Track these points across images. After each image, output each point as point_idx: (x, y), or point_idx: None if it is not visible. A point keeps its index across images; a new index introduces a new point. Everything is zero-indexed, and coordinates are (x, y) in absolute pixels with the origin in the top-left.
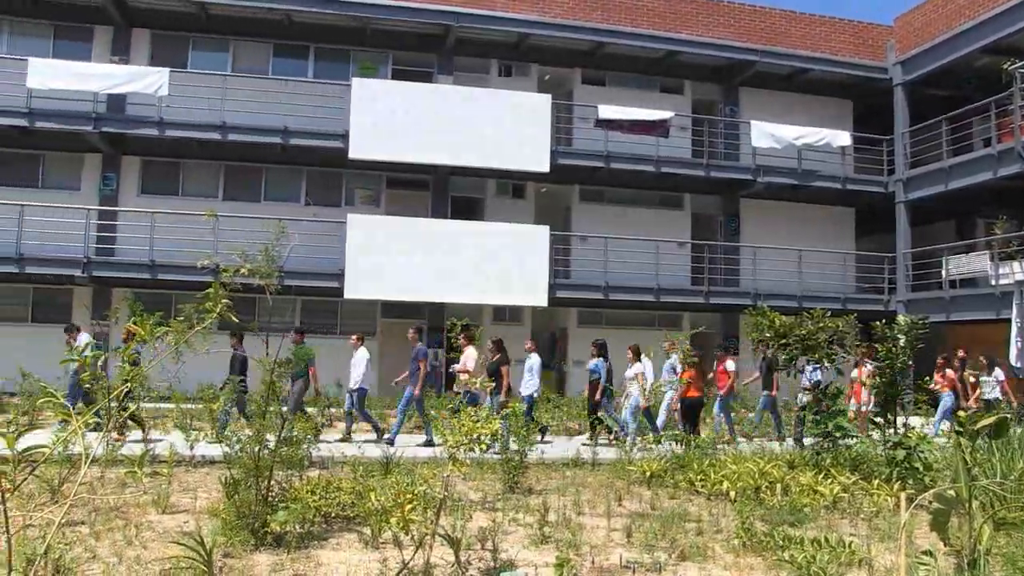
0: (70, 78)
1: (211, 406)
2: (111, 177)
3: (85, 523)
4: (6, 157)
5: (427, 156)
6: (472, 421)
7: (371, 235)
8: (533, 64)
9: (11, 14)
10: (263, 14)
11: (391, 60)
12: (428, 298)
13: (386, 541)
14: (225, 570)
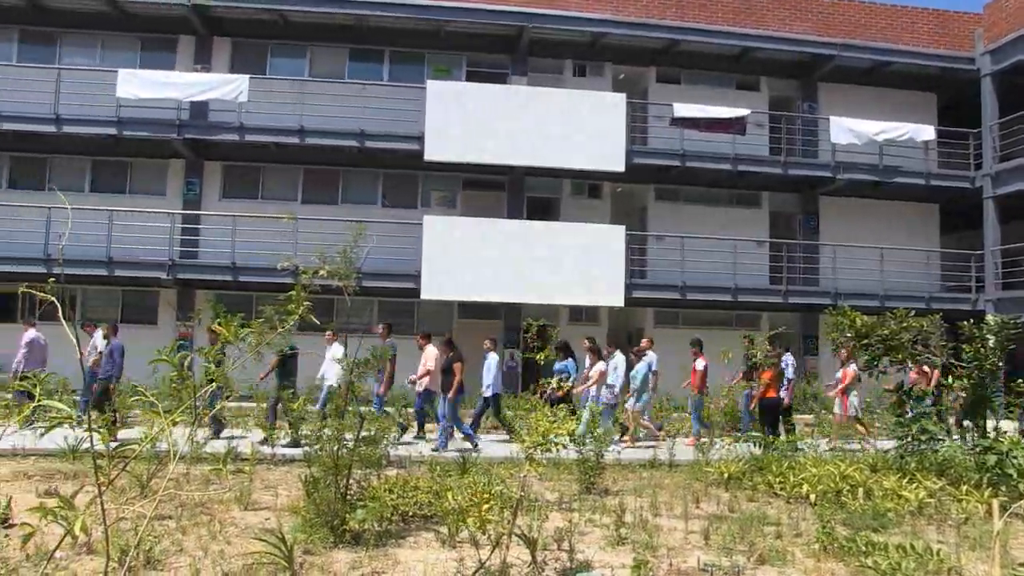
0: (156, 87)
1: (291, 406)
2: (194, 182)
3: (172, 517)
4: (97, 165)
5: (502, 157)
6: (549, 422)
7: (447, 236)
8: (607, 63)
9: (103, 29)
10: (339, 19)
11: (465, 62)
12: (504, 299)
13: (463, 540)
14: (305, 566)
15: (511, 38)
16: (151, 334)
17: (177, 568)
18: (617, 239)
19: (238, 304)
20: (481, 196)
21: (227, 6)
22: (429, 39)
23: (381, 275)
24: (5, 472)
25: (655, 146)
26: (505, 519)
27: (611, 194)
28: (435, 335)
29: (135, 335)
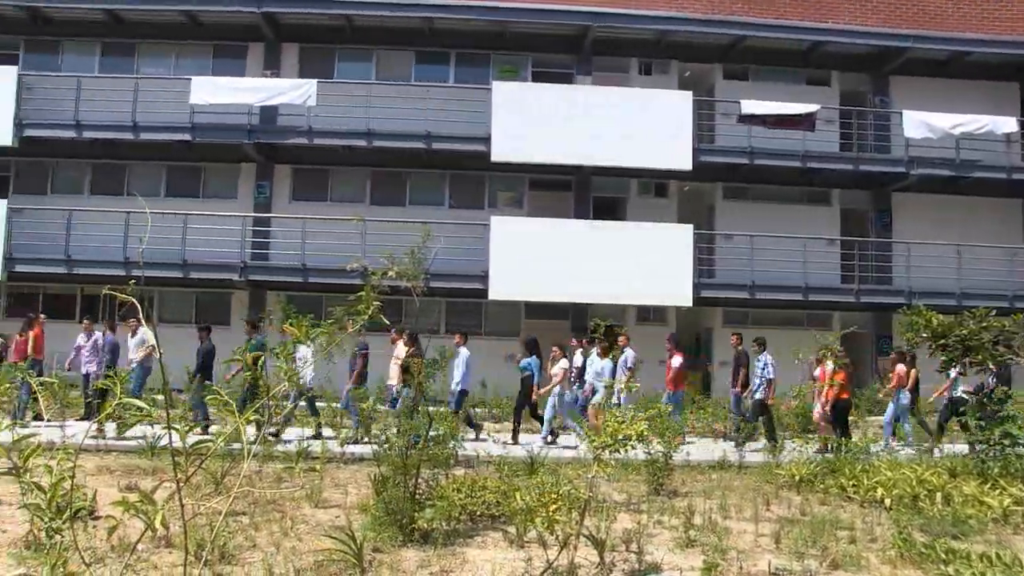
0: (227, 93)
1: (362, 406)
2: (264, 185)
3: (246, 514)
4: (172, 170)
5: (568, 157)
6: (618, 422)
7: (514, 237)
8: (673, 61)
9: (177, 38)
10: (405, 23)
11: (530, 63)
12: (571, 299)
13: (531, 540)
14: (375, 564)
15: (576, 38)
16: (224, 335)
17: (250, 563)
18: (684, 238)
19: (308, 305)
20: (547, 196)
21: (295, 12)
22: (494, 40)
23: (448, 276)
24: (89, 467)
25: (722, 144)
26: (573, 520)
27: (678, 193)
28: (502, 335)
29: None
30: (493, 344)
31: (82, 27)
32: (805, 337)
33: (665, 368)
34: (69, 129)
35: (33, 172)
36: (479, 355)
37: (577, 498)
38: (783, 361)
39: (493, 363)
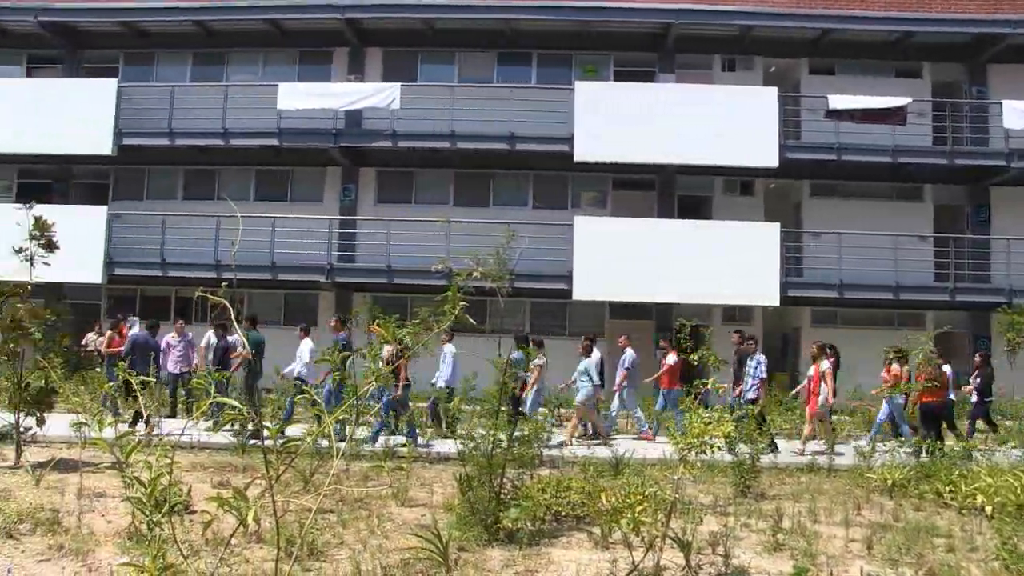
0: (313, 98)
1: (445, 405)
2: (350, 188)
3: (334, 512)
4: (261, 174)
5: (651, 156)
6: (704, 423)
7: (598, 237)
8: (757, 57)
9: (264, 46)
10: (486, 24)
11: (612, 62)
12: (656, 299)
13: (616, 542)
14: (460, 563)
15: (658, 35)
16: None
17: (338, 560)
18: (771, 237)
19: (393, 306)
20: (631, 196)
21: (377, 17)
22: (576, 40)
23: (532, 276)
24: (184, 463)
25: (809, 140)
26: (659, 521)
27: (764, 191)
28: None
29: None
30: (577, 344)
31: (175, 39)
32: (896, 337)
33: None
34: (163, 137)
35: (130, 179)
36: (564, 356)
37: (663, 499)
38: (874, 362)
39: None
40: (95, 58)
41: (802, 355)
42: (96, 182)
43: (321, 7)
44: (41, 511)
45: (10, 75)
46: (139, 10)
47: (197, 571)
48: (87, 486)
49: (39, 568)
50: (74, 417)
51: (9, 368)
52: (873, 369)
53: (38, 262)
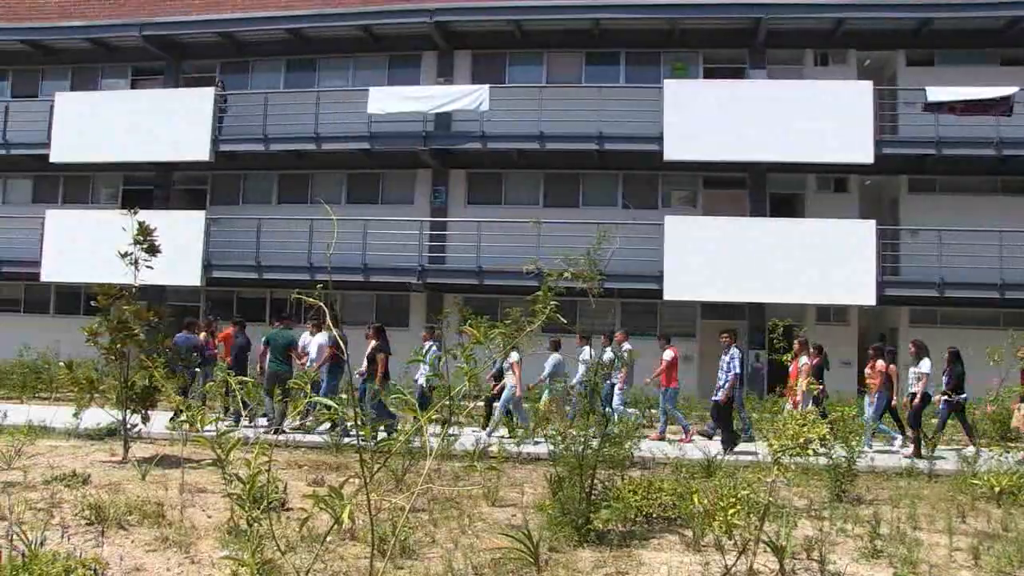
0: (403, 102)
1: (537, 406)
2: (440, 190)
3: (425, 511)
4: (352, 178)
5: (742, 154)
6: (798, 425)
7: (688, 236)
8: (851, 50)
9: (354, 52)
10: (573, 24)
11: (702, 59)
12: (748, 298)
13: (708, 544)
14: (550, 564)
15: (747, 31)
16: (403, 336)
17: (430, 559)
18: (866, 234)
19: (484, 307)
20: (722, 195)
21: (466, 20)
22: (664, 38)
23: (623, 276)
24: (280, 461)
25: (906, 134)
26: (752, 524)
27: (859, 187)
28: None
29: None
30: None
31: (269, 47)
32: (1001, 338)
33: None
34: (258, 143)
35: (227, 184)
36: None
37: (756, 502)
38: (977, 362)
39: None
40: (194, 68)
41: (901, 356)
42: (195, 188)
43: (410, 12)
44: (147, 504)
45: (116, 88)
46: (236, 20)
47: (293, 567)
48: (188, 481)
49: (147, 558)
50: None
51: (116, 368)
52: (976, 370)
53: (142, 265)
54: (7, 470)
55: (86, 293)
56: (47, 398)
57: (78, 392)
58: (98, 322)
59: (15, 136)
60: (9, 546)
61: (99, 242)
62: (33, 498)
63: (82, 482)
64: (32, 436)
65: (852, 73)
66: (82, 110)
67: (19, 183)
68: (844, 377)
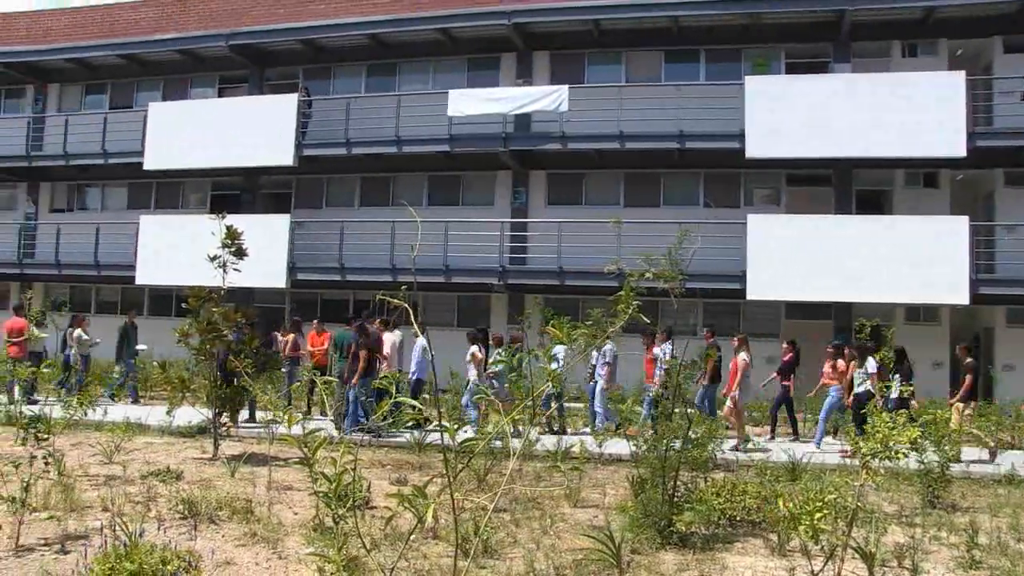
0: (482, 103)
1: (620, 407)
2: (520, 191)
3: (507, 511)
4: (433, 180)
5: (827, 150)
6: (888, 427)
7: (772, 235)
8: (941, 39)
9: (434, 55)
10: (652, 23)
11: (783, 54)
12: (833, 298)
13: (793, 549)
14: (632, 566)
15: (831, 24)
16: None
17: (512, 559)
18: (959, 231)
19: (565, 307)
20: (806, 192)
21: (544, 21)
22: (744, 34)
23: (705, 276)
24: (364, 460)
25: (1003, 125)
26: (839, 530)
27: (950, 182)
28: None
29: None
30: (752, 345)
31: (351, 53)
32: None
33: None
34: (340, 147)
35: (311, 188)
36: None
37: (843, 507)
38: None
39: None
40: (277, 76)
41: (996, 356)
42: (279, 192)
43: (488, 14)
44: (236, 500)
45: (204, 96)
46: (318, 28)
47: (378, 564)
48: (275, 479)
49: (236, 552)
50: (264, 414)
51: (206, 368)
52: None
53: (229, 268)
54: (108, 464)
55: (177, 295)
56: (142, 396)
57: (171, 391)
58: (189, 323)
59: (112, 146)
60: (112, 536)
61: (189, 246)
62: (132, 492)
63: (176, 478)
64: (129, 433)
65: (943, 63)
66: (173, 119)
67: (115, 190)
68: (936, 379)
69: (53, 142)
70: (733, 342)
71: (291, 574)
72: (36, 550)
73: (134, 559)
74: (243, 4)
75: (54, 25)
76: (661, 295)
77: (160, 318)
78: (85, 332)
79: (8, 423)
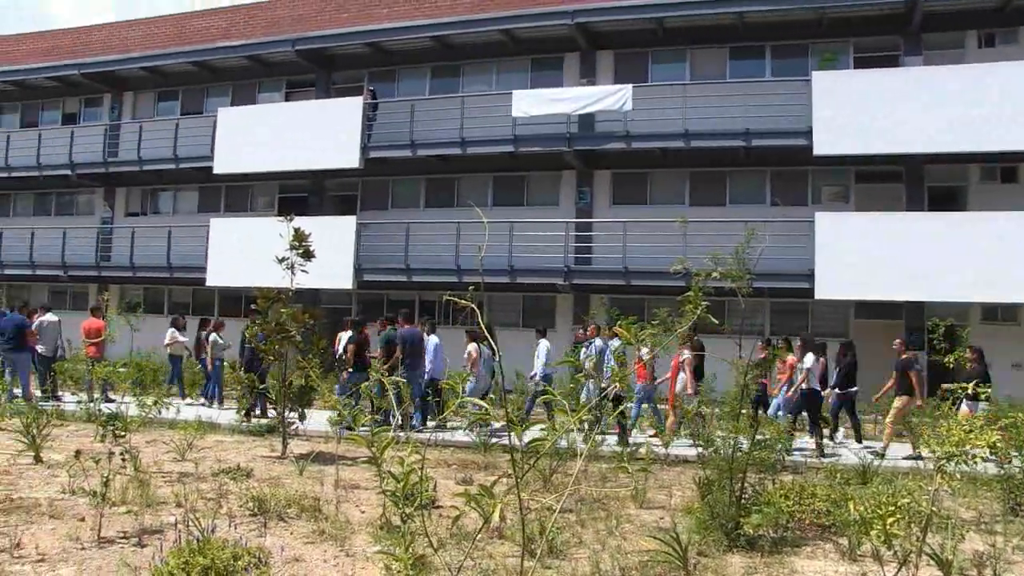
0: (546, 104)
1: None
2: (585, 191)
3: (573, 511)
4: (497, 180)
5: (898, 146)
6: (964, 431)
7: (840, 233)
8: (1021, 27)
9: (497, 56)
10: (716, 20)
11: (852, 48)
12: (905, 297)
13: (864, 554)
14: (699, 568)
15: (901, 16)
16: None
17: (577, 559)
18: None
19: (630, 307)
20: (876, 189)
21: (607, 20)
22: (811, 29)
23: (772, 275)
24: (430, 460)
25: None
26: (914, 535)
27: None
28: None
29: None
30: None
31: (415, 55)
32: None
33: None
34: (405, 149)
35: (376, 190)
36: None
37: (918, 512)
38: None
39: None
40: (343, 79)
41: None
42: (346, 194)
43: (551, 14)
44: (305, 499)
45: (271, 101)
46: (383, 31)
47: (445, 563)
48: (343, 478)
49: (305, 550)
50: (331, 414)
51: (275, 368)
52: None
53: (297, 270)
54: (181, 461)
55: (246, 296)
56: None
57: (240, 391)
58: (258, 324)
59: (183, 151)
60: (185, 531)
61: (258, 248)
62: (204, 488)
63: (245, 476)
64: (201, 431)
65: (1023, 53)
66: (241, 124)
67: (187, 194)
68: (1016, 380)
69: (128, 148)
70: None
71: (358, 572)
72: (116, 542)
73: (207, 554)
74: (308, 10)
75: (130, 35)
76: (728, 295)
77: (230, 319)
78: (220, 336)
79: (88, 420)
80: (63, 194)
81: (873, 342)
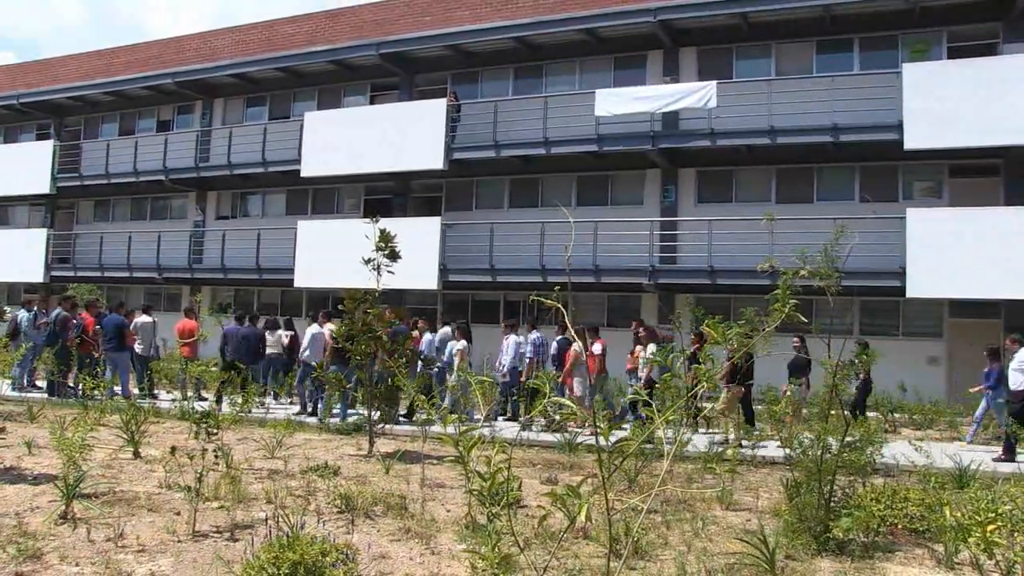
0: (630, 102)
1: (773, 408)
2: (670, 189)
3: (658, 512)
4: (581, 180)
5: (995, 138)
6: None
7: (934, 230)
8: None
9: (579, 55)
10: (802, 13)
11: (945, 38)
12: (1005, 295)
13: (962, 563)
14: (787, 572)
15: (1000, 3)
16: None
17: (663, 560)
18: None
19: (715, 307)
20: (971, 183)
21: (690, 17)
22: (901, 19)
23: (861, 273)
24: (515, 459)
25: None
26: (1017, 545)
27: None
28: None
29: (620, 338)
30: (913, 345)
31: (497, 57)
32: None
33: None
34: (489, 149)
35: (460, 191)
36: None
37: (1021, 519)
38: None
39: (912, 365)
40: (426, 81)
41: None
42: (430, 195)
43: (634, 12)
44: (391, 497)
45: (356, 104)
46: (465, 33)
47: (530, 563)
48: (428, 476)
49: (391, 547)
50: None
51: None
52: None
53: (383, 271)
54: (270, 459)
55: (333, 297)
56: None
57: (328, 390)
58: (345, 325)
59: (271, 155)
60: (276, 527)
61: (344, 249)
62: (292, 485)
63: (333, 473)
64: (290, 430)
65: None
66: (327, 127)
67: (275, 197)
68: None
69: (218, 153)
70: None
71: (444, 570)
72: (209, 536)
73: (296, 550)
74: (391, 14)
75: (220, 43)
76: (817, 293)
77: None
78: None
79: (182, 418)
80: (158, 199)
81: (969, 342)
